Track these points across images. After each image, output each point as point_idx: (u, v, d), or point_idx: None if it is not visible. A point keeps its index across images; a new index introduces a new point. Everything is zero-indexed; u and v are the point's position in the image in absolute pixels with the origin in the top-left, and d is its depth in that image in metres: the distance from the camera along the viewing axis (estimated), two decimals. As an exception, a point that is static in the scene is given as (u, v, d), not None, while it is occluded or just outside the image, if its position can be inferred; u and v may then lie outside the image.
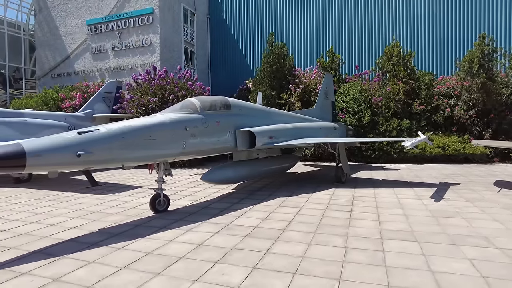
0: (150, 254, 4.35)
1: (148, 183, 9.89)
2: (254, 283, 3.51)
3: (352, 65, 21.45)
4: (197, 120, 7.10)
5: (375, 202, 7.32)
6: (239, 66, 24.58)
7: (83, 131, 5.27)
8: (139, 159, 6.07)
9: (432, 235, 5.00)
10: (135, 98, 14.83)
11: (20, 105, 18.97)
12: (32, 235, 5.26)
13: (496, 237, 4.85)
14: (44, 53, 23.42)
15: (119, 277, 3.69)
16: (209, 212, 6.56)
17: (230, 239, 4.93)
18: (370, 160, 15.63)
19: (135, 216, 6.32)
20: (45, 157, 4.68)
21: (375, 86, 16.85)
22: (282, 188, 9.13)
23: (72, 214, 6.53)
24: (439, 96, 16.57)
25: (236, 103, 8.73)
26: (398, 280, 3.54)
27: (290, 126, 10.01)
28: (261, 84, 17.09)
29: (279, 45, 17.50)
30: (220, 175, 8.41)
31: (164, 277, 3.68)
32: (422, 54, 20.65)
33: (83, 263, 4.08)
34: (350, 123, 15.57)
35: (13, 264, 4.09)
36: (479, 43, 15.17)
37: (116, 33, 21.00)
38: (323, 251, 4.39)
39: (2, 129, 11.07)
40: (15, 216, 6.48)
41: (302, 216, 6.15)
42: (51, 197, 8.27)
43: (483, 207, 6.72)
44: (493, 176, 11.00)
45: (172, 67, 19.34)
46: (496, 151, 15.11)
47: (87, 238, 5.05)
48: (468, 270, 3.76)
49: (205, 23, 25.49)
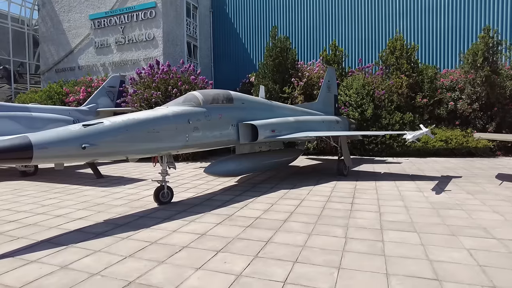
0: (154, 244, 4.46)
1: (152, 176, 10.02)
2: (256, 270, 3.61)
3: (355, 58, 21.34)
4: (200, 113, 7.17)
5: (376, 194, 7.39)
6: (242, 60, 24.55)
7: (88, 124, 5.37)
8: (143, 152, 6.18)
9: (432, 226, 5.07)
10: (139, 92, 14.92)
11: (25, 99, 19.15)
12: (39, 225, 5.40)
13: (495, 228, 4.91)
14: (48, 47, 23.54)
15: (124, 265, 3.80)
16: (212, 204, 6.66)
17: (233, 229, 5.03)
18: (373, 153, 15.65)
19: (140, 208, 6.44)
20: (51, 150, 4.80)
21: (378, 79, 16.80)
22: (284, 181, 9.21)
23: (78, 206, 6.66)
24: (442, 89, 16.49)
25: (238, 97, 8.78)
26: (396, 268, 3.62)
27: (293, 120, 10.05)
28: (263, 78, 17.08)
29: (282, 38, 17.44)
30: (223, 168, 8.51)
31: (168, 265, 3.78)
32: (425, 47, 20.50)
33: (90, 252, 4.20)
34: (353, 116, 15.57)
35: (23, 252, 4.22)
36: (484, 35, 15.05)
37: (119, 28, 21.05)
38: (323, 241, 4.48)
39: (9, 123, 11.24)
40: (22, 207, 6.63)
41: (303, 208, 6.24)
42: (57, 190, 8.42)
43: (484, 199, 6.76)
44: (495, 170, 11.00)
45: (175, 61, 19.40)
46: (500, 144, 15.07)
47: (93, 229, 5.17)
48: (465, 259, 3.83)
49: (208, 17, 25.43)
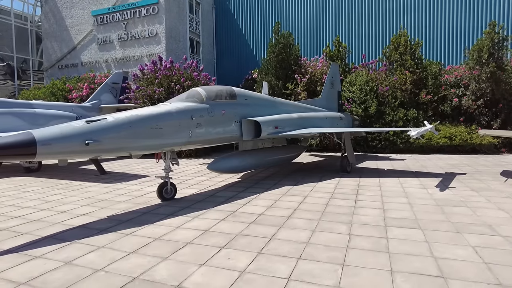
0: (158, 240, 4.47)
1: (155, 172, 10.03)
2: (259, 267, 3.60)
3: (358, 54, 21.20)
4: (203, 109, 7.15)
5: (380, 191, 7.35)
6: (245, 56, 24.47)
7: (91, 120, 5.36)
8: (146, 148, 6.17)
9: (436, 223, 5.04)
10: (141, 88, 14.91)
11: (29, 96, 19.19)
12: (44, 221, 5.41)
13: (500, 225, 4.87)
14: (50, 44, 23.55)
15: (128, 261, 3.81)
16: (215, 200, 6.66)
17: (236, 225, 5.02)
18: (376, 150, 15.60)
19: (143, 204, 6.45)
20: (55, 146, 4.80)
21: (382, 75, 16.67)
22: (288, 178, 9.19)
23: (82, 202, 6.68)
24: (446, 85, 16.37)
25: (241, 93, 8.74)
26: (401, 265, 3.60)
27: (296, 116, 10.01)
28: (266, 74, 17.00)
29: (285, 34, 17.34)
30: (226, 164, 8.50)
31: (172, 261, 3.78)
32: (429, 43, 20.33)
33: (94, 247, 4.21)
34: (356, 113, 15.49)
35: (27, 248, 4.23)
36: (489, 31, 14.89)
37: (122, 24, 21.00)
38: (327, 237, 4.46)
39: (12, 120, 11.29)
40: (27, 203, 6.66)
41: (307, 204, 6.22)
42: (61, 186, 8.45)
43: (489, 197, 6.71)
44: (500, 166, 10.92)
45: (177, 57, 19.34)
46: (504, 141, 14.95)
47: (97, 225, 5.18)
48: (470, 256, 3.80)
49: (211, 13, 25.32)
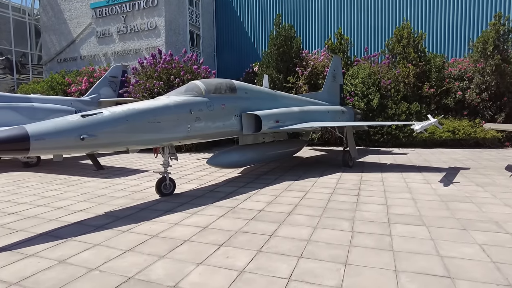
0: (155, 237, 4.35)
1: (155, 167, 9.91)
2: (259, 266, 3.48)
3: (361, 47, 20.92)
4: (202, 103, 7.00)
5: (383, 186, 7.22)
6: (246, 49, 24.20)
7: (87, 114, 5.22)
8: (143, 143, 6.03)
9: (441, 219, 4.91)
10: (141, 82, 14.73)
11: (27, 90, 19.04)
12: (39, 218, 5.31)
13: (507, 222, 4.73)
14: (49, 37, 23.32)
15: (123, 260, 3.69)
16: (215, 196, 6.54)
17: (236, 222, 4.91)
18: (378, 144, 15.44)
19: (141, 200, 6.34)
20: (49, 141, 4.67)
21: (385, 68, 16.43)
22: (289, 172, 9.07)
23: (79, 198, 6.57)
24: (450, 79, 16.11)
25: (241, 86, 8.57)
26: (405, 264, 3.47)
27: (297, 110, 9.85)
28: (267, 67, 16.76)
29: (286, 26, 17.04)
30: (226, 159, 8.38)
31: (169, 260, 3.67)
32: (433, 36, 20.02)
33: (89, 245, 4.10)
34: (359, 106, 15.29)
35: (21, 246, 4.12)
36: (495, 22, 14.60)
37: (121, 17, 20.74)
38: (329, 234, 4.34)
39: (10, 114, 11.13)
40: (23, 199, 6.55)
41: (308, 200, 6.10)
42: (58, 181, 8.35)
43: (494, 192, 6.57)
44: (504, 161, 10.77)
45: (177, 50, 19.12)
46: (509, 135, 14.75)
47: (93, 221, 5.07)
48: (478, 255, 3.67)
49: (211, 5, 24.98)
